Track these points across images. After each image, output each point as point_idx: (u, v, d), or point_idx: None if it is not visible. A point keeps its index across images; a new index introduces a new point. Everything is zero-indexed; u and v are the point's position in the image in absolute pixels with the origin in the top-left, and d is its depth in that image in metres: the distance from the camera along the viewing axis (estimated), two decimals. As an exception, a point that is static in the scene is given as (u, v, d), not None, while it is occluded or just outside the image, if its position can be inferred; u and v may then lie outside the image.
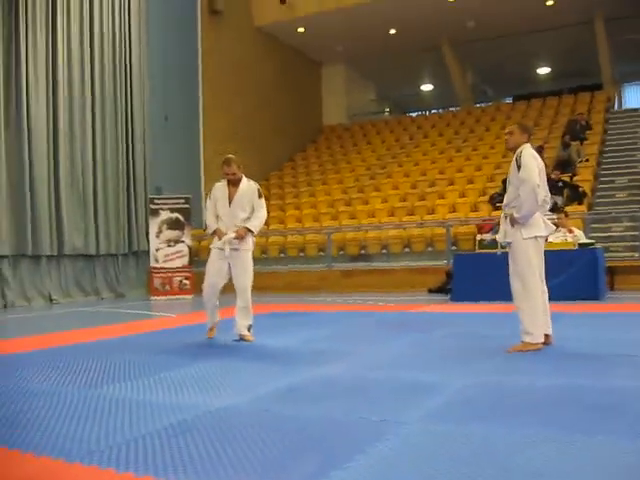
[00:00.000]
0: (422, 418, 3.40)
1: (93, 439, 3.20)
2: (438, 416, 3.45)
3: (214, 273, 6.63)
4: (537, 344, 5.34)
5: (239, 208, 6.60)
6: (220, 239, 6.56)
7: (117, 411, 3.77)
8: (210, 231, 6.80)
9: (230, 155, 6.81)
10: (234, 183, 6.64)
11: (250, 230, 6.62)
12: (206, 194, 7.07)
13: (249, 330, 6.65)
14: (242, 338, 6.61)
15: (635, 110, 21.26)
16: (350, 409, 3.63)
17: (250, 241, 6.70)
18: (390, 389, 4.13)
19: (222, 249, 6.54)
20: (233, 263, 6.59)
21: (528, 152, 5.44)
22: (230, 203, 6.60)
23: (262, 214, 6.77)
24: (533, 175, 5.29)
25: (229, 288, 6.68)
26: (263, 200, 6.80)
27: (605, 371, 4.51)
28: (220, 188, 6.72)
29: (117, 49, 15.49)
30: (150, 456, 2.90)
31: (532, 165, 5.33)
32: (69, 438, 3.22)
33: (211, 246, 6.75)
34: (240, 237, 6.55)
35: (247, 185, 6.70)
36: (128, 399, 4.07)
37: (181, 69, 17.92)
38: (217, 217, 6.66)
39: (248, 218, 6.62)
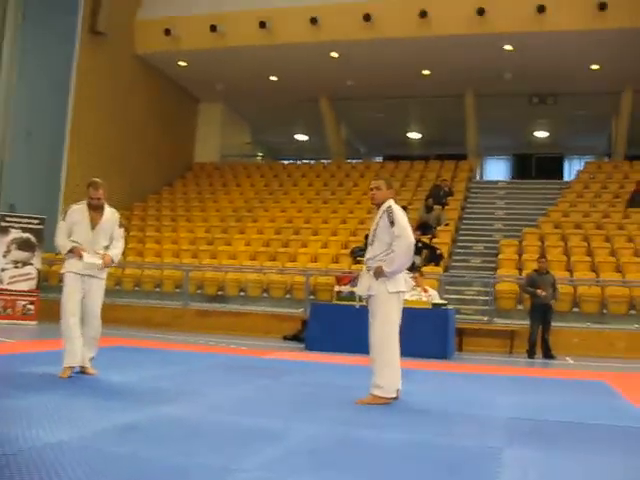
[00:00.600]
0: (262, 466, 3.26)
1: None
2: (280, 465, 3.33)
3: (77, 300, 6.17)
4: (387, 398, 5.33)
5: (102, 235, 6.32)
6: (80, 257, 6.13)
7: None
8: (65, 250, 6.28)
9: (97, 179, 6.44)
10: (96, 208, 6.30)
11: (112, 260, 6.36)
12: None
13: (91, 361, 6.27)
14: (83, 371, 6.21)
15: (494, 182, 22.46)
16: (190, 453, 3.44)
17: (106, 270, 6.42)
18: (233, 434, 3.97)
19: (79, 274, 6.16)
20: (88, 290, 6.23)
21: (397, 208, 5.51)
22: (93, 228, 6.27)
23: (122, 244, 6.58)
24: (409, 232, 5.37)
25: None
26: (122, 230, 6.57)
27: (449, 428, 4.55)
28: (78, 211, 6.33)
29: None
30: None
31: (405, 222, 5.40)
32: None
33: (65, 270, 6.25)
34: (106, 264, 6.28)
35: (111, 213, 6.45)
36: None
37: (53, 85, 17.21)
38: (70, 241, 6.28)
39: (107, 247, 6.34)
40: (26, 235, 13.57)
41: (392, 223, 5.39)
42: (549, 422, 4.93)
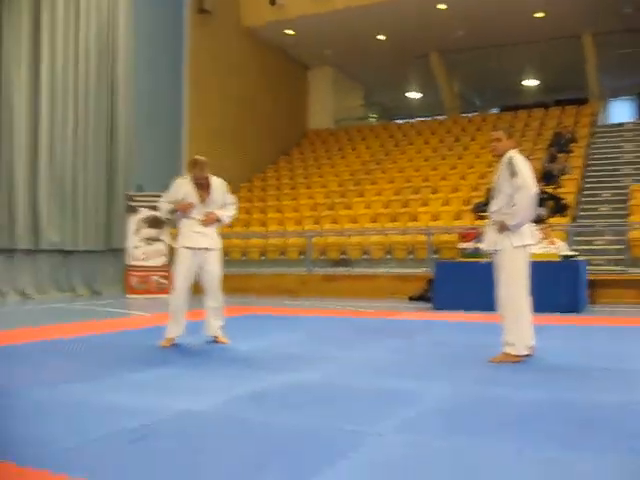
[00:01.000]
0: (398, 429, 3.24)
1: (47, 441, 3.01)
2: (414, 427, 3.30)
3: (187, 275, 6.28)
4: (519, 356, 5.20)
5: (212, 207, 6.33)
6: (187, 210, 6.18)
7: (76, 412, 3.59)
8: (169, 209, 6.27)
9: (201, 157, 6.43)
10: (204, 187, 6.31)
11: (219, 219, 6.37)
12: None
13: (221, 331, 6.44)
14: (216, 340, 6.41)
15: (620, 125, 21.30)
16: (322, 417, 3.46)
17: (219, 239, 6.47)
18: (366, 397, 3.97)
19: (193, 248, 6.24)
20: (204, 262, 6.30)
21: (520, 158, 5.29)
22: (202, 202, 6.27)
23: (233, 209, 6.58)
24: (531, 182, 5.14)
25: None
26: (233, 197, 6.58)
27: (586, 385, 4.38)
28: (184, 185, 6.31)
29: (103, 44, 15.26)
30: (106, 461, 2.73)
31: (528, 172, 5.18)
32: (22, 440, 3.04)
33: (179, 246, 6.33)
34: (209, 222, 6.27)
35: (219, 182, 6.46)
36: (89, 400, 3.89)
37: (167, 67, 17.70)
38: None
39: None
40: (154, 213, 14.09)
41: (513, 174, 5.18)
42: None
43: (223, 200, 6.44)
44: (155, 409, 3.65)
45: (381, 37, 21.33)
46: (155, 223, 14.06)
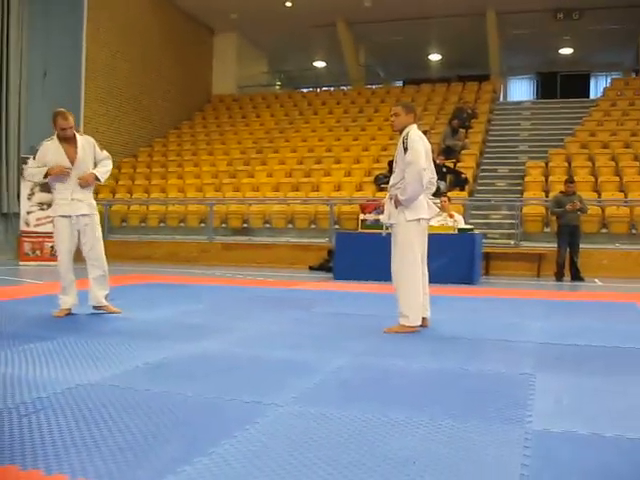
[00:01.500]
0: (296, 400, 3.27)
1: None
2: (312, 398, 3.33)
3: (68, 245, 6.03)
4: (413, 327, 5.33)
5: (82, 167, 5.99)
6: (60, 174, 5.85)
7: (-36, 385, 3.44)
8: (41, 175, 5.91)
9: (60, 109, 6.12)
10: (69, 140, 5.97)
11: (97, 178, 6.09)
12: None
13: (107, 300, 6.26)
14: (102, 308, 6.21)
15: (518, 103, 22.02)
16: (221, 389, 3.45)
17: (95, 204, 6.21)
18: (264, 368, 3.98)
19: (68, 216, 5.96)
20: (84, 229, 6.05)
21: (414, 134, 5.37)
22: (72, 163, 5.93)
23: (109, 163, 6.27)
24: (420, 158, 5.23)
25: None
26: (105, 152, 6.28)
27: (477, 355, 4.54)
28: (51, 148, 5.96)
29: (-5, -5, 14.47)
30: (-5, 436, 2.63)
31: (419, 147, 5.26)
32: None
33: (54, 214, 6.03)
34: (86, 183, 5.99)
35: (85, 140, 6.13)
36: (-23, 372, 3.73)
37: (65, 24, 16.95)
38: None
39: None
40: (49, 176, 13.57)
41: (405, 150, 5.28)
42: (580, 346, 4.89)
43: (95, 157, 6.14)
44: (51, 381, 3.54)
45: (288, 4, 21.16)
46: (49, 187, 13.53)
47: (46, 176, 5.94)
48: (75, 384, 3.50)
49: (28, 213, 13.60)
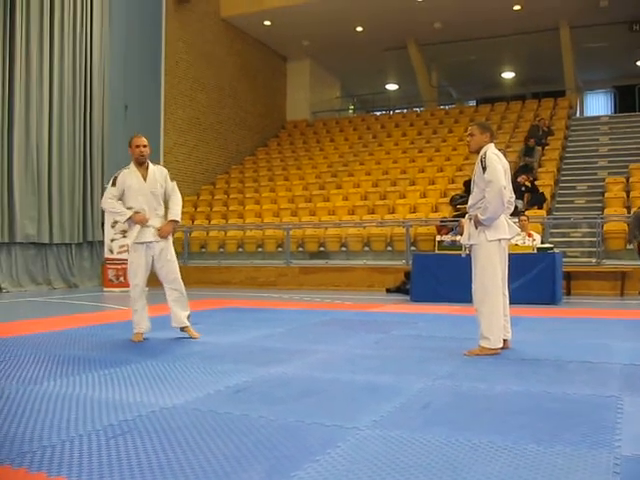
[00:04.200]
0: (376, 423, 3.26)
1: (26, 439, 2.99)
2: (393, 421, 3.31)
3: (143, 270, 6.21)
4: (495, 349, 5.25)
5: (154, 189, 6.22)
6: (142, 224, 6.08)
7: (56, 409, 3.56)
8: (125, 217, 6.10)
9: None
10: (142, 163, 6.23)
11: (176, 221, 6.33)
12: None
13: (189, 319, 6.40)
14: (184, 330, 6.37)
15: (596, 118, 21.51)
16: (302, 412, 3.47)
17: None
18: (344, 392, 3.98)
19: (146, 243, 6.16)
20: (159, 254, 6.23)
21: (492, 152, 5.33)
22: (146, 182, 6.19)
23: (179, 197, 6.45)
24: (499, 176, 5.17)
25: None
26: (173, 182, 6.47)
27: (561, 378, 4.43)
28: (129, 175, 6.20)
29: (77, 33, 15.10)
30: (85, 459, 2.71)
31: (498, 166, 5.21)
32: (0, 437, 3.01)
33: (130, 241, 6.21)
34: (166, 234, 6.23)
35: (158, 167, 6.41)
36: (69, 396, 3.87)
37: (144, 57, 17.58)
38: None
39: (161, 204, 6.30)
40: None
41: (484, 169, 5.23)
42: (670, 366, 4.73)
43: (165, 186, 6.33)
44: (135, 405, 3.64)
45: (359, 29, 21.33)
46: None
47: (129, 219, 6.12)
48: (159, 407, 3.58)
49: (112, 241, 14.03)
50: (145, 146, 6.26)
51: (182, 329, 6.38)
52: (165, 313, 6.51)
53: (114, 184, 6.20)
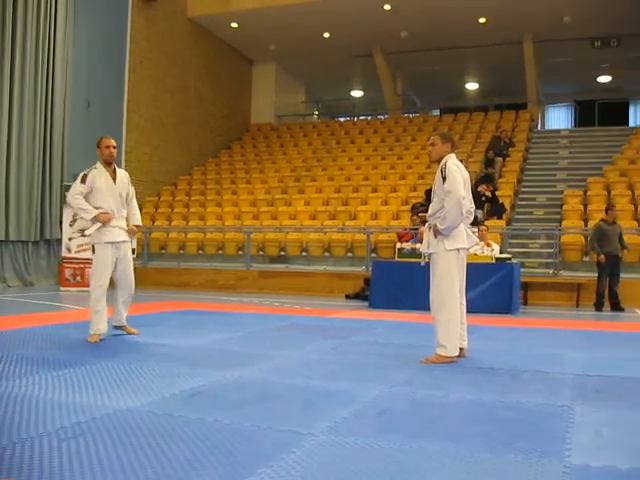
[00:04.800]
0: (331, 429, 3.27)
1: (-26, 441, 2.94)
2: (348, 428, 3.32)
3: (109, 270, 6.23)
4: (451, 357, 5.30)
5: (122, 191, 6.36)
6: (105, 223, 6.10)
7: (7, 410, 3.51)
8: (90, 215, 6.09)
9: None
10: (110, 164, 6.32)
11: (140, 226, 6.62)
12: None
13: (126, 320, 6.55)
14: (123, 328, 6.48)
15: (556, 131, 21.89)
16: (257, 417, 3.47)
17: None
18: (300, 397, 3.99)
19: (116, 243, 6.21)
20: (124, 255, 6.32)
21: (452, 163, 5.39)
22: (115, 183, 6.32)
23: (136, 204, 6.66)
24: (458, 187, 5.24)
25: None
26: (133, 188, 6.66)
27: (515, 387, 4.49)
28: (98, 175, 6.22)
29: (41, 28, 14.84)
30: (36, 462, 2.67)
31: (457, 176, 5.28)
32: (-53, 438, 2.96)
33: (97, 240, 6.15)
34: (134, 234, 6.51)
35: (122, 171, 6.53)
36: (21, 397, 3.81)
37: (108, 54, 17.38)
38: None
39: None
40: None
41: (444, 179, 5.30)
42: (619, 378, 4.82)
43: (128, 187, 6.47)
44: (89, 407, 3.61)
45: (326, 35, 21.40)
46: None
47: (94, 218, 6.12)
48: (113, 409, 3.55)
49: (70, 239, 13.83)
50: (114, 147, 6.33)
51: (121, 327, 6.50)
52: (136, 313, 6.53)
53: (83, 181, 6.16)
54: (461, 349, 5.46)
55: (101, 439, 3.00)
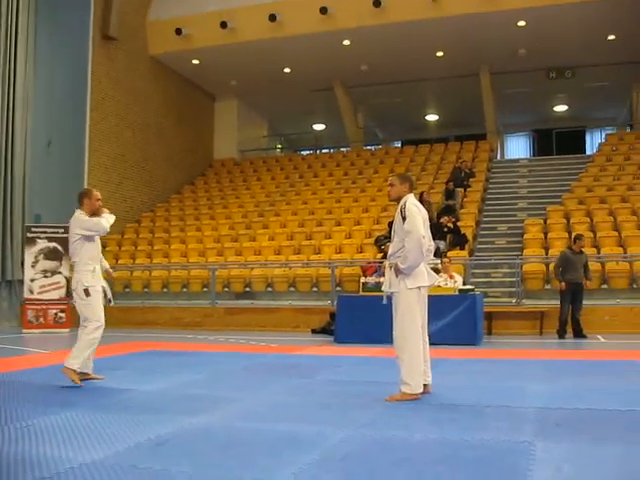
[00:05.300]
0: (295, 476, 3.28)
1: None
2: (312, 475, 3.34)
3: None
4: (415, 394, 5.35)
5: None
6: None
7: (-33, 466, 3.46)
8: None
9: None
10: (97, 215, 6.50)
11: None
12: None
13: None
14: (89, 376, 6.43)
15: (515, 161, 22.29)
16: (223, 465, 3.48)
17: None
18: (265, 442, 4.00)
19: (102, 286, 6.49)
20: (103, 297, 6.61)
21: (411, 202, 5.50)
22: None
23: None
24: (418, 226, 5.33)
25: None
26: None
27: (478, 424, 4.55)
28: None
29: (0, 67, 14.75)
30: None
31: (417, 217, 5.38)
32: None
33: (92, 284, 6.33)
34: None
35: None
36: (-18, 451, 3.76)
37: (69, 93, 17.35)
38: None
39: None
40: (53, 244, 13.73)
41: (404, 219, 5.39)
42: (581, 410, 4.90)
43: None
44: (54, 460, 3.58)
45: (287, 70, 21.62)
46: (54, 255, 13.68)
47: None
48: (78, 463, 3.52)
49: (32, 280, 13.68)
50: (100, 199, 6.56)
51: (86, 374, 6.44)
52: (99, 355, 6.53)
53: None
54: (425, 385, 5.51)
55: (64, 496, 2.98)
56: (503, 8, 17.10)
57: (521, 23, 17.83)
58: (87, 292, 6.30)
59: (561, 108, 24.89)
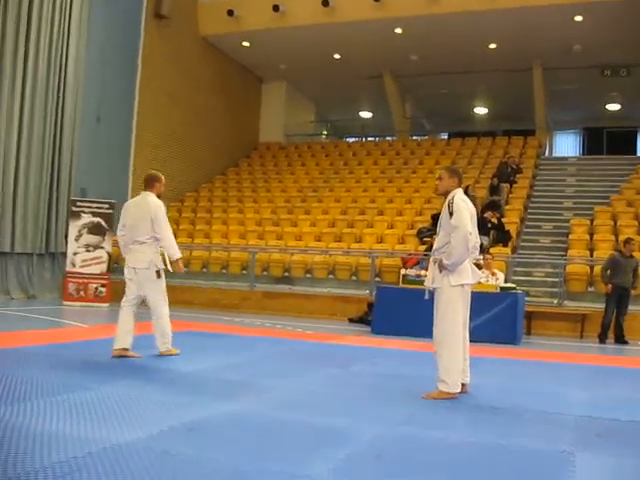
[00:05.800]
0: (329, 472, 3.23)
1: (-35, 475, 2.91)
2: (347, 470, 3.29)
3: None
4: (453, 393, 5.25)
5: None
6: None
7: (4, 441, 3.45)
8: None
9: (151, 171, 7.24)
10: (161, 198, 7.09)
11: None
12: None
13: None
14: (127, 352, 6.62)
15: (564, 159, 21.87)
16: (255, 456, 3.43)
17: None
18: (299, 434, 3.96)
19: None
20: None
21: (459, 198, 5.38)
22: None
23: None
24: (466, 222, 5.22)
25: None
26: None
27: (516, 429, 4.44)
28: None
29: (54, 44, 14.91)
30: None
31: (464, 212, 5.26)
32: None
33: (161, 266, 6.90)
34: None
35: None
36: (18, 426, 3.76)
37: (119, 71, 17.47)
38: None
39: None
40: (97, 219, 13.85)
41: (451, 214, 5.28)
42: (622, 422, 4.76)
43: None
44: (87, 439, 3.55)
45: (336, 56, 21.48)
46: (97, 230, 13.81)
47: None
48: (110, 444, 3.50)
49: (74, 254, 13.82)
50: None
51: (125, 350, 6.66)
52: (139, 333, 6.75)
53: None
54: (463, 385, 5.42)
55: (94, 477, 2.96)
56: (560, 2, 16.73)
57: (578, 18, 17.43)
58: (159, 274, 6.79)
59: (614, 107, 24.31)
